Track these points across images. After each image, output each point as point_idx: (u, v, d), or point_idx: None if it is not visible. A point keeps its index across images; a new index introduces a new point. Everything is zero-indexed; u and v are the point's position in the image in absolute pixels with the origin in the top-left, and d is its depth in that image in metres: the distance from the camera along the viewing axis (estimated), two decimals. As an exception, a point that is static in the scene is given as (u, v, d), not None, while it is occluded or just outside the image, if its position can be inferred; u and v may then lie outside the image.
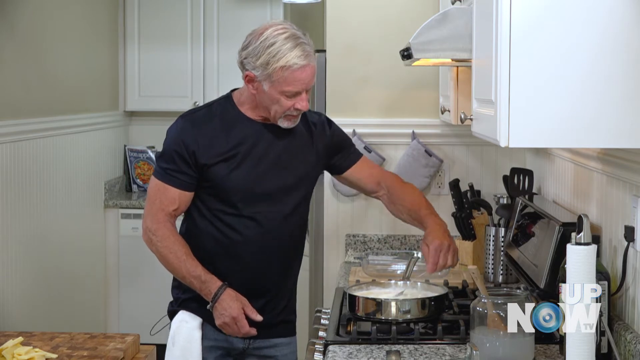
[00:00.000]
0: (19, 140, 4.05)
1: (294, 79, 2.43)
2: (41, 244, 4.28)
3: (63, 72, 4.65)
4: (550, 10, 1.70)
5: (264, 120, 2.56)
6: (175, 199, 2.52)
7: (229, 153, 2.51)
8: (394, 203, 2.76)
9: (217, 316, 2.50)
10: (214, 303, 2.49)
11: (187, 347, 2.55)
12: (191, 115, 2.57)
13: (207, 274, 2.50)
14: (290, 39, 2.42)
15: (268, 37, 2.42)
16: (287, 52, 2.40)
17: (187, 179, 2.51)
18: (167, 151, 2.53)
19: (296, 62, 2.41)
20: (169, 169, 2.51)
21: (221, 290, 2.49)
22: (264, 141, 2.55)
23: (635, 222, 2.04)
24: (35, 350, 2.93)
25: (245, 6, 5.47)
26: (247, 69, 2.47)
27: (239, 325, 2.50)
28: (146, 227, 2.55)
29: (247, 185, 2.52)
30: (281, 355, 2.67)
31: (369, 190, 2.82)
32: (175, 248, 2.51)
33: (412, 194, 2.75)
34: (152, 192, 2.55)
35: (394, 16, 3.51)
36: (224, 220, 2.54)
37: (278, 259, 2.58)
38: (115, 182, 5.47)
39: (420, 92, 3.53)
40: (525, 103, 1.71)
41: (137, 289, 5.19)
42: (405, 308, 2.43)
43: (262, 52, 2.42)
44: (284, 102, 2.46)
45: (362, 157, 2.79)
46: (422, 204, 2.71)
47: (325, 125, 2.71)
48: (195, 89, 5.54)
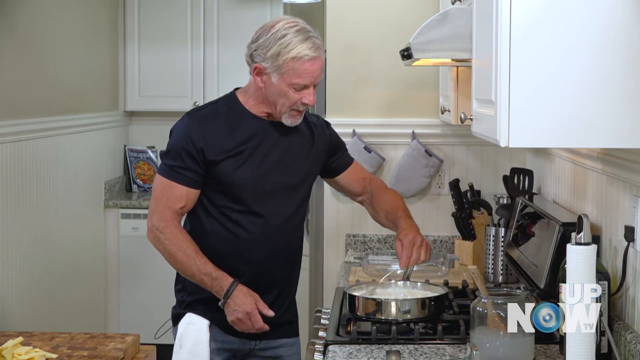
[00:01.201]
0: (19, 140, 4.05)
1: (304, 71, 2.44)
2: (41, 244, 4.28)
3: (63, 72, 4.65)
4: (550, 10, 1.70)
5: (268, 117, 2.56)
6: (182, 196, 2.51)
7: (236, 149, 2.51)
8: (374, 206, 2.81)
9: (230, 312, 2.48)
10: (226, 300, 2.46)
11: (195, 350, 2.53)
12: (197, 113, 2.57)
13: (218, 271, 2.48)
14: (301, 32, 2.45)
15: (279, 30, 2.45)
16: (298, 43, 2.43)
17: (194, 175, 2.50)
18: (173, 148, 2.52)
19: (307, 54, 2.43)
20: (175, 166, 2.50)
21: (233, 286, 2.47)
22: (269, 138, 2.55)
23: (635, 222, 2.04)
24: (35, 350, 2.93)
25: (245, 6, 5.47)
26: (256, 61, 2.48)
27: (252, 321, 2.48)
28: (152, 225, 2.52)
29: (253, 182, 2.52)
30: (286, 355, 2.68)
31: (355, 194, 2.86)
32: (185, 246, 2.49)
33: (393, 199, 2.81)
34: (157, 190, 2.54)
35: (394, 16, 3.51)
36: (231, 217, 2.53)
37: (283, 256, 2.59)
38: (115, 182, 5.47)
39: (420, 92, 3.53)
40: (525, 103, 1.71)
41: (137, 289, 5.19)
42: (405, 308, 2.43)
43: (273, 44, 2.43)
44: (291, 95, 2.47)
45: (354, 162, 2.83)
46: (399, 208, 2.77)
47: (323, 126, 2.73)
48: (195, 89, 5.54)
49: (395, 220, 2.73)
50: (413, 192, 3.52)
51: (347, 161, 2.81)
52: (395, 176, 3.50)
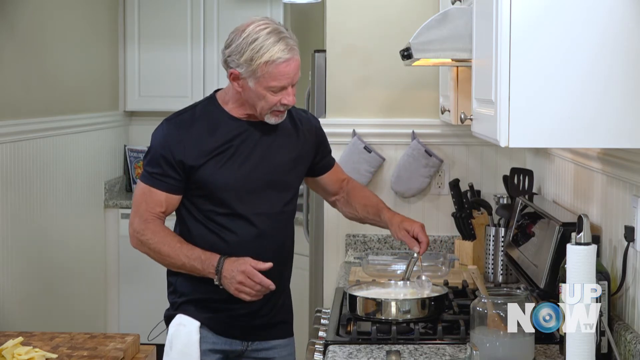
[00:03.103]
0: (19, 140, 4.05)
1: (279, 73, 2.42)
2: (41, 244, 4.28)
3: (63, 72, 4.65)
4: (550, 10, 1.70)
5: (249, 117, 2.55)
6: (162, 201, 2.51)
7: (216, 152, 2.50)
8: (351, 202, 2.82)
9: (229, 284, 2.44)
10: (220, 275, 2.44)
11: (185, 351, 2.53)
12: (176, 118, 2.55)
13: (205, 253, 2.47)
14: (273, 34, 2.42)
15: (250, 33, 2.43)
16: (270, 46, 2.40)
17: (174, 182, 2.50)
18: (152, 155, 2.52)
19: (280, 56, 2.41)
20: (154, 172, 2.50)
21: (222, 260, 2.45)
22: (250, 139, 2.54)
23: (635, 222, 2.04)
24: (35, 350, 2.93)
25: (245, 6, 5.47)
26: (231, 67, 2.46)
27: (254, 279, 2.43)
28: (133, 230, 2.53)
29: (236, 183, 2.50)
30: (279, 357, 2.66)
31: (331, 194, 2.85)
32: (168, 239, 2.49)
33: (371, 195, 2.85)
34: (137, 196, 2.54)
35: (394, 16, 3.51)
36: (217, 221, 2.52)
37: (273, 256, 2.56)
38: (115, 182, 5.47)
39: (420, 92, 3.53)
40: (525, 103, 1.72)
41: (137, 289, 5.19)
42: (405, 308, 2.43)
43: (245, 49, 2.41)
44: (270, 98, 2.45)
45: (336, 163, 2.83)
46: (380, 202, 2.81)
47: (311, 120, 2.71)
48: (195, 89, 5.54)
49: (379, 212, 2.75)
50: (413, 192, 3.52)
51: (330, 163, 2.81)
52: (395, 176, 3.50)
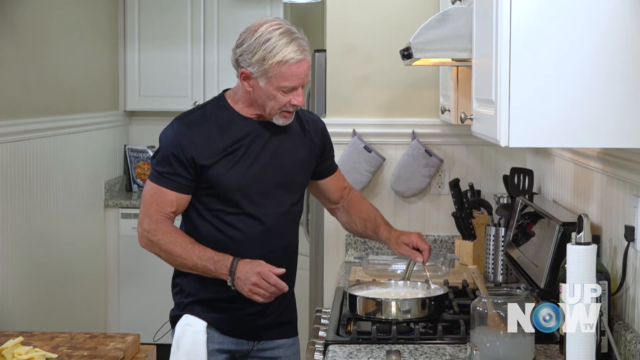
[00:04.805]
0: (19, 140, 4.05)
1: (291, 74, 2.43)
2: (41, 244, 4.28)
3: (63, 72, 4.65)
4: (550, 10, 1.70)
5: (258, 117, 2.55)
6: (173, 201, 2.51)
7: (226, 152, 2.50)
8: (351, 213, 2.81)
9: (243, 285, 2.44)
10: (234, 276, 2.44)
11: (192, 351, 2.52)
12: (186, 118, 2.55)
13: (218, 254, 2.46)
14: (286, 35, 2.43)
15: (263, 34, 2.42)
16: (283, 47, 2.40)
17: (184, 181, 2.50)
18: (163, 154, 2.51)
19: (293, 57, 2.41)
20: (164, 172, 2.50)
21: (235, 261, 2.45)
22: (260, 139, 2.54)
23: (635, 222, 2.04)
24: (35, 350, 2.93)
25: (245, 6, 5.47)
26: (242, 66, 2.46)
27: (269, 280, 2.42)
28: (143, 230, 2.53)
29: (246, 183, 2.51)
30: (285, 356, 2.67)
31: (332, 201, 2.84)
32: (180, 240, 2.49)
33: (371, 209, 2.83)
34: (147, 196, 2.53)
35: (394, 16, 3.51)
36: (225, 219, 2.52)
37: (279, 256, 2.57)
38: (115, 182, 5.47)
39: (420, 92, 3.53)
40: (525, 103, 1.71)
41: (137, 289, 5.19)
42: (405, 308, 2.43)
43: (257, 48, 2.41)
44: (280, 98, 2.46)
45: (338, 169, 2.83)
46: (379, 216, 2.80)
47: (317, 122, 2.72)
48: (195, 89, 5.54)
49: (377, 228, 2.75)
50: (413, 192, 3.52)
51: (333, 167, 2.80)
52: (395, 176, 3.50)
